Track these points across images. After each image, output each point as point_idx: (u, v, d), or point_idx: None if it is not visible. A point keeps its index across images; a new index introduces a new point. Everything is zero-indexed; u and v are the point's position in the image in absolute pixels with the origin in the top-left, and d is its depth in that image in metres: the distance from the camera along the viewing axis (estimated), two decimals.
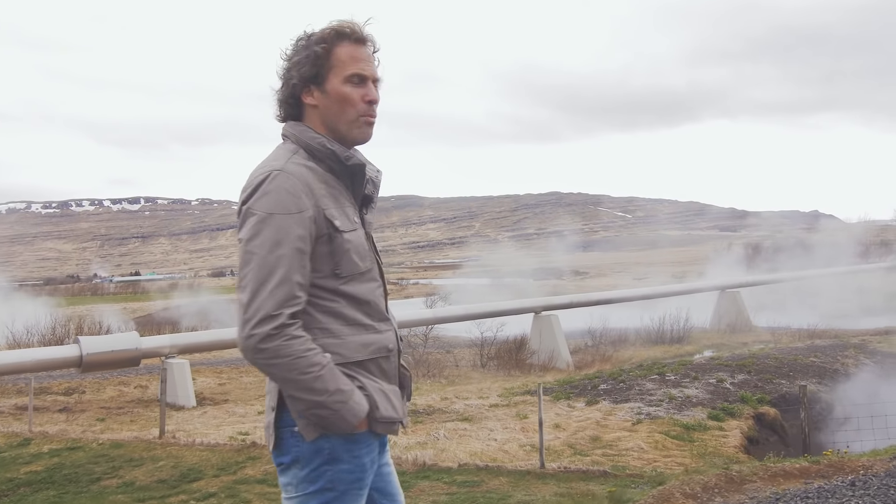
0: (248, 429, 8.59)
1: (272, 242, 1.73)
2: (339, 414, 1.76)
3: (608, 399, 9.45)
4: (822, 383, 10.38)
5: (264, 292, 1.71)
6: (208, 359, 15.75)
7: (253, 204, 1.77)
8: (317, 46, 1.86)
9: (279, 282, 1.72)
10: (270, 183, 1.77)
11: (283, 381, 1.74)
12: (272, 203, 1.75)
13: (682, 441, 7.45)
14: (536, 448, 7.31)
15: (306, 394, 1.73)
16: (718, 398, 9.21)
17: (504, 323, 16.56)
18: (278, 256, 1.73)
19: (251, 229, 1.75)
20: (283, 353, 1.70)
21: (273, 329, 1.69)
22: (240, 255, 1.77)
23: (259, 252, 1.73)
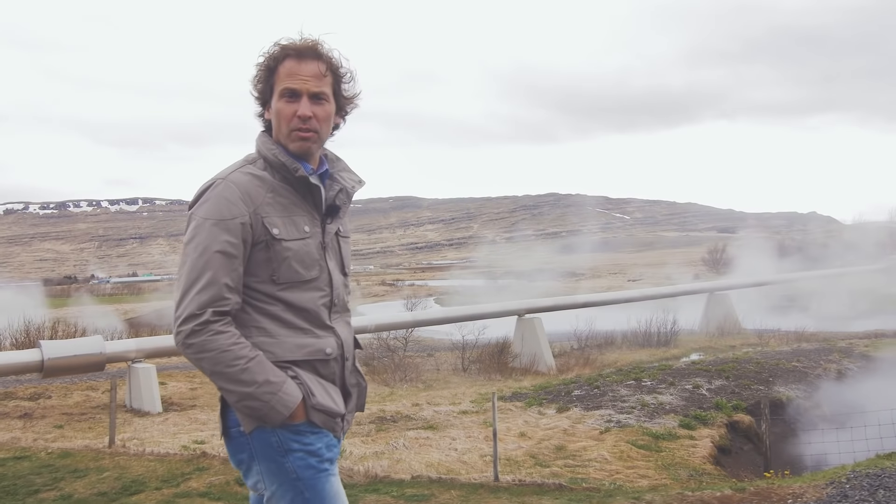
0: (206, 437, 8.31)
1: (203, 247, 1.83)
2: (270, 405, 1.82)
3: (580, 406, 9.19)
4: (802, 389, 10.11)
5: (192, 293, 1.82)
6: (183, 363, 15.45)
7: (195, 210, 1.89)
8: (264, 64, 1.96)
9: (206, 284, 1.82)
10: (212, 191, 1.88)
11: (212, 374, 1.83)
12: (208, 210, 1.86)
13: (648, 451, 7.18)
14: (498, 458, 7.06)
15: (235, 385, 1.81)
16: (693, 405, 8.94)
17: (486, 326, 16.28)
18: (207, 260, 1.83)
19: (189, 233, 1.88)
20: (208, 348, 1.80)
21: (196, 326, 1.80)
22: (181, 255, 1.88)
23: (191, 255, 1.84)
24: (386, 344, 15.87)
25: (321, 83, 1.95)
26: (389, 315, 15.49)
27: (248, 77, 2.00)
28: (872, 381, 10.31)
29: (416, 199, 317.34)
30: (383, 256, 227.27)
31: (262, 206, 1.89)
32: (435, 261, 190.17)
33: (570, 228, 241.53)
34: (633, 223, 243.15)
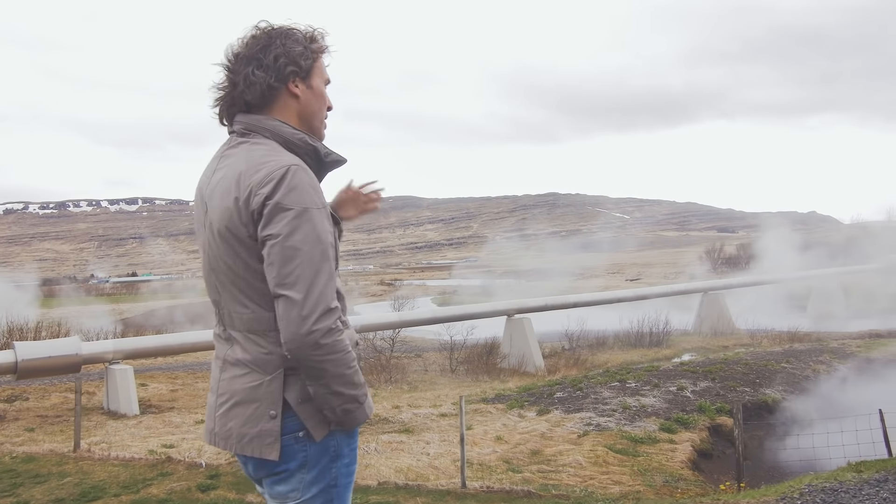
0: (176, 440, 8.13)
1: (314, 237, 1.71)
2: (363, 407, 1.80)
3: (561, 408, 9.00)
4: (789, 391, 9.92)
5: (318, 287, 1.70)
6: (165, 364, 15.29)
7: (282, 199, 1.71)
8: (313, 44, 1.92)
9: (329, 276, 1.73)
10: (294, 177, 1.73)
11: (332, 376, 1.72)
12: (303, 198, 1.73)
13: (625, 455, 6.99)
14: (470, 463, 6.87)
15: (348, 388, 1.75)
16: (675, 407, 8.75)
17: (475, 326, 16.10)
18: (322, 251, 1.72)
19: (287, 225, 1.70)
20: (339, 348, 1.71)
21: (333, 323, 1.70)
22: (277, 250, 1.70)
23: (303, 248, 1.70)
24: (372, 344, 15.67)
25: None
26: (375, 315, 15.28)
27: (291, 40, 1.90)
28: (860, 383, 10.12)
29: (415, 199, 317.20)
30: (383, 256, 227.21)
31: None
32: (435, 260, 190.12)
33: (569, 228, 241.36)
34: (633, 223, 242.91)
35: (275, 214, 1.71)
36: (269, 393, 1.79)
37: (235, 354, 1.86)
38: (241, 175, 1.78)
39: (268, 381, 1.80)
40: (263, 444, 1.79)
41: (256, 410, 1.80)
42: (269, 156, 1.79)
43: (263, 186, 1.72)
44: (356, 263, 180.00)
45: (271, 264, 1.71)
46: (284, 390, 1.79)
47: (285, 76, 1.88)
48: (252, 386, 1.80)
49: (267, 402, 1.79)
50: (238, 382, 1.83)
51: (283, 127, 1.87)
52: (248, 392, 1.81)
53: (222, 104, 1.92)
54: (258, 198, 1.72)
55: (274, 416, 1.78)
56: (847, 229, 65.06)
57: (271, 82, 1.86)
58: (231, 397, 1.83)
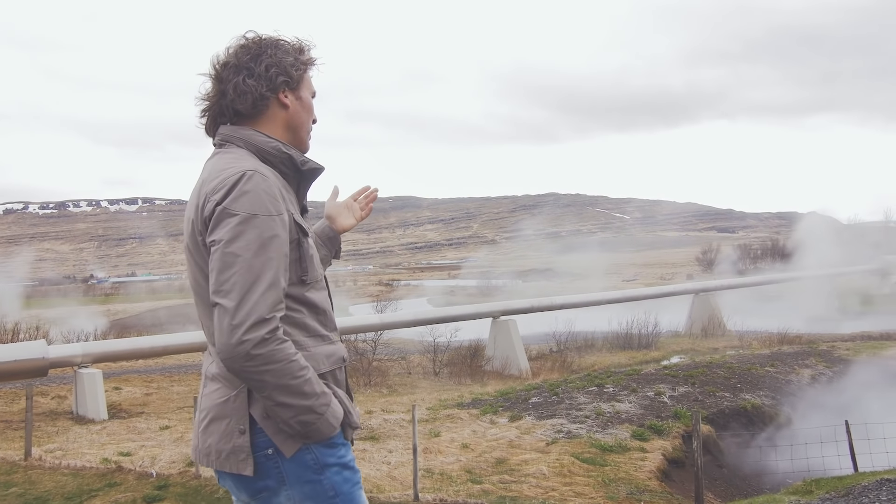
0: (135, 448, 7.90)
1: (258, 245, 1.65)
2: (325, 418, 1.72)
3: (534, 414, 8.76)
4: (770, 396, 9.67)
5: (254, 296, 1.62)
6: (144, 366, 15.06)
7: (230, 204, 1.67)
8: (301, 55, 1.91)
9: (268, 285, 1.65)
10: (247, 183, 1.69)
11: (274, 387, 1.65)
12: (253, 203, 1.67)
13: (592, 465, 6.75)
14: (431, 473, 6.65)
15: (297, 399, 1.68)
16: (650, 414, 8.51)
17: (459, 328, 15.87)
18: (265, 259, 1.65)
19: (231, 230, 1.65)
20: (276, 358, 1.63)
21: (267, 333, 1.62)
22: (216, 257, 1.65)
23: (244, 255, 1.64)
24: (354, 347, 15.43)
25: None
26: (356, 318, 15.03)
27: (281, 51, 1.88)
28: (843, 389, 9.88)
29: (415, 199, 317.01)
30: (383, 256, 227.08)
31: (287, 201, 1.78)
32: (434, 260, 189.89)
33: (569, 228, 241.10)
34: (633, 223, 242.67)
35: (221, 220, 1.67)
36: (236, 408, 1.75)
37: (212, 369, 1.82)
38: (203, 184, 1.76)
39: (234, 395, 1.75)
40: (238, 460, 1.75)
41: (228, 426, 1.76)
42: (231, 163, 1.76)
43: (216, 193, 1.69)
44: (356, 264, 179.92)
45: (211, 271, 1.66)
46: (249, 405, 1.74)
47: (276, 86, 1.86)
48: (222, 401, 1.77)
49: (235, 418, 1.75)
50: (213, 397, 1.80)
51: (256, 136, 1.84)
52: (219, 407, 1.77)
53: (209, 115, 1.89)
54: (210, 204, 1.70)
55: (242, 431, 1.74)
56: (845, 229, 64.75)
57: (263, 91, 1.84)
58: (208, 413, 1.80)
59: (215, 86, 1.86)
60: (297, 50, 1.91)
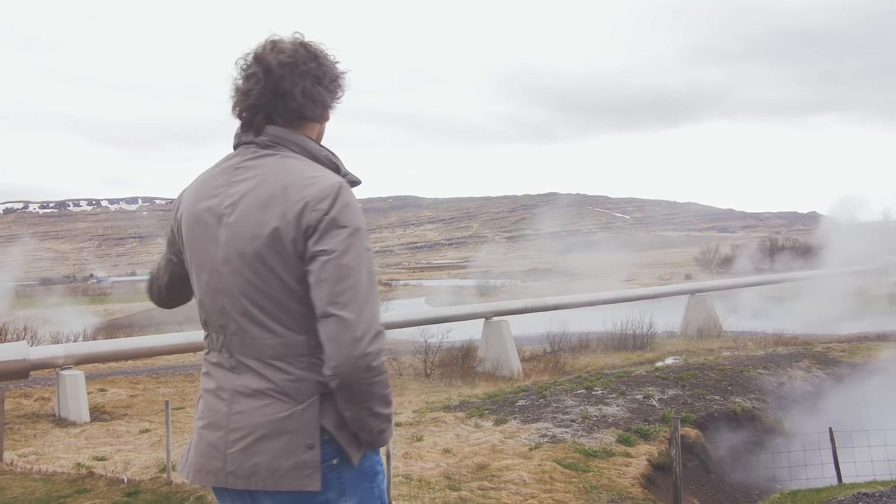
0: (111, 452, 7.75)
1: (366, 258, 1.69)
2: (391, 426, 1.78)
3: (519, 418, 8.60)
4: (761, 400, 9.51)
5: (369, 308, 1.65)
6: (131, 368, 14.91)
7: (338, 215, 1.67)
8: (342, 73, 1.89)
9: (377, 298, 1.70)
10: (347, 195, 1.71)
11: (377, 398, 1.68)
12: (355, 216, 1.70)
13: (574, 471, 6.59)
14: (409, 479, 6.50)
15: (387, 407, 1.72)
16: (638, 417, 8.35)
17: (451, 329, 15.71)
18: (370, 272, 1.70)
19: (342, 242, 1.66)
20: (384, 369, 1.68)
21: (383, 345, 1.67)
22: (329, 268, 1.64)
23: (356, 267, 1.67)
24: None
25: None
26: None
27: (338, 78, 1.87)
28: (835, 392, 9.72)
29: (415, 199, 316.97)
30: (383, 256, 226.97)
31: None
32: (434, 260, 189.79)
33: (569, 228, 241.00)
34: (633, 223, 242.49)
35: (329, 230, 1.66)
36: (304, 422, 1.70)
37: (249, 384, 1.73)
38: (287, 188, 1.70)
39: (300, 409, 1.70)
40: (302, 476, 1.70)
41: (290, 442, 1.70)
42: (315, 170, 1.75)
43: (321, 202, 1.67)
44: None
45: (323, 281, 1.64)
46: (321, 417, 1.71)
47: (335, 98, 1.88)
48: (282, 417, 1.70)
49: (302, 433, 1.70)
50: (261, 414, 1.71)
51: (309, 142, 1.83)
52: (276, 423, 1.70)
53: (261, 113, 1.79)
54: (315, 213, 1.66)
55: (311, 445, 1.71)
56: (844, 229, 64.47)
57: (329, 102, 1.85)
58: (253, 431, 1.71)
59: (267, 83, 1.77)
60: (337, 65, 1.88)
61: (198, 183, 1.87)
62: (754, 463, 7.69)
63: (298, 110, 1.79)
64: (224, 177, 1.81)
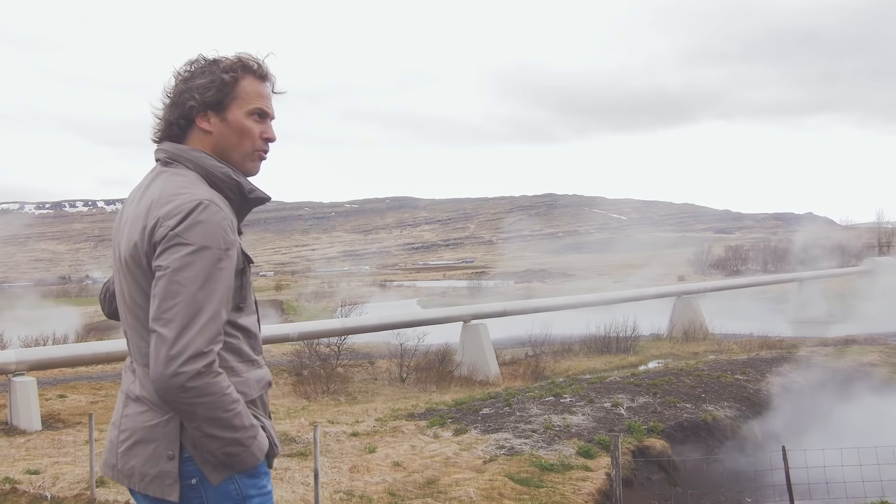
0: (46, 465, 7.36)
1: (204, 277, 1.67)
2: (250, 450, 1.75)
3: (480, 427, 8.24)
4: (735, 408, 9.16)
5: (194, 329, 1.64)
6: (92, 373, 14.51)
7: (182, 232, 1.68)
8: (224, 74, 1.86)
9: (209, 318, 1.67)
10: (202, 213, 1.70)
11: (204, 419, 1.68)
12: (205, 235, 1.69)
13: (526, 486, 6.23)
14: (351, 495, 6.13)
15: (225, 431, 1.70)
16: (603, 427, 7.99)
17: (426, 333, 15.35)
18: (209, 292, 1.67)
19: (181, 260, 1.67)
20: (210, 391, 1.66)
21: (203, 367, 1.64)
22: (162, 283, 1.67)
23: (189, 286, 1.66)
24: (316, 352, 14.89)
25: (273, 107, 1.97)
26: (317, 323, 14.48)
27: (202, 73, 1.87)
28: (811, 400, 9.36)
29: (412, 200, 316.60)
30: (380, 257, 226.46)
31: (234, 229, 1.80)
32: (431, 261, 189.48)
33: (566, 229, 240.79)
34: (630, 224, 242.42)
35: (171, 246, 1.67)
36: (166, 433, 1.75)
37: (135, 390, 1.82)
38: (152, 204, 1.75)
39: (164, 420, 1.75)
40: (164, 485, 1.76)
41: (155, 450, 1.76)
42: (185, 188, 1.77)
43: (170, 218, 1.69)
44: (352, 264, 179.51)
45: (154, 296, 1.67)
46: (181, 432, 1.75)
47: (187, 112, 1.85)
48: (150, 425, 1.77)
49: (164, 443, 1.76)
50: (139, 419, 1.79)
51: (206, 159, 1.84)
52: (147, 431, 1.77)
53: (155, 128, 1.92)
54: (163, 229, 1.69)
55: (171, 457, 1.75)
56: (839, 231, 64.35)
57: (173, 119, 1.86)
58: (132, 435, 1.79)
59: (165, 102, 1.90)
60: (224, 69, 1.86)
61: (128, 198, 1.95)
62: (722, 475, 7.35)
63: (157, 134, 1.90)
64: (135, 193, 1.90)
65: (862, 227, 58.30)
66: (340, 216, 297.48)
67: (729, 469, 7.57)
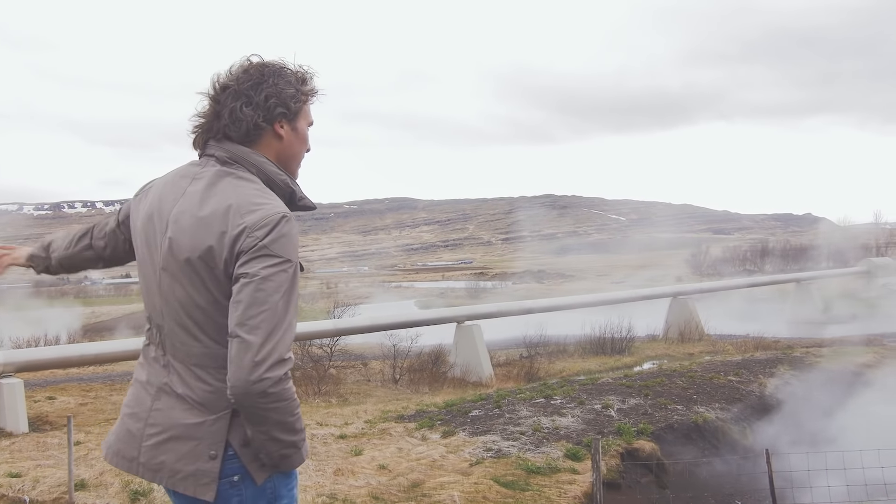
0: (29, 468, 7.27)
1: (287, 289, 1.74)
2: (301, 452, 1.84)
3: (469, 429, 8.16)
4: (726, 409, 9.08)
5: (277, 336, 1.70)
6: (83, 374, 14.43)
7: (270, 244, 1.74)
8: (304, 87, 1.94)
9: (289, 328, 1.74)
10: (285, 226, 1.77)
11: (274, 423, 1.72)
12: (289, 248, 1.77)
13: (511, 489, 6.15)
14: (334, 498, 6.05)
15: (290, 435, 1.76)
16: (592, 429, 7.91)
17: (419, 334, 15.28)
18: (288, 302, 1.75)
19: (268, 269, 1.73)
20: (286, 396, 1.72)
21: (284, 373, 1.71)
22: (249, 291, 1.71)
23: (274, 296, 1.72)
24: (308, 353, 14.81)
25: None
26: (309, 324, 14.41)
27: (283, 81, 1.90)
28: (803, 402, 9.29)
29: (411, 201, 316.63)
30: (378, 258, 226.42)
31: None
32: (430, 262, 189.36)
33: (565, 230, 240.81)
34: (629, 224, 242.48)
35: (258, 256, 1.72)
36: (212, 433, 1.77)
37: (174, 385, 1.83)
38: (230, 209, 1.77)
39: (212, 420, 1.78)
40: (199, 484, 1.78)
41: (195, 448, 1.78)
42: (263, 197, 1.81)
43: (259, 229, 1.73)
44: (351, 265, 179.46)
45: (238, 302, 1.70)
46: (228, 432, 1.77)
47: (273, 117, 1.88)
48: (193, 423, 1.79)
49: (208, 442, 1.77)
50: (176, 416, 1.80)
51: (268, 165, 1.88)
52: (187, 428, 1.79)
53: (200, 132, 1.91)
54: (251, 239, 1.72)
55: (214, 456, 1.77)
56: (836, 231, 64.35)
57: (259, 121, 1.87)
58: (166, 430, 1.81)
59: (212, 106, 1.88)
60: (299, 80, 1.92)
61: (165, 182, 1.94)
62: (712, 478, 7.27)
63: (223, 130, 1.86)
64: (180, 183, 1.88)
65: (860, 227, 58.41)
66: (339, 217, 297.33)
67: (718, 471, 7.49)
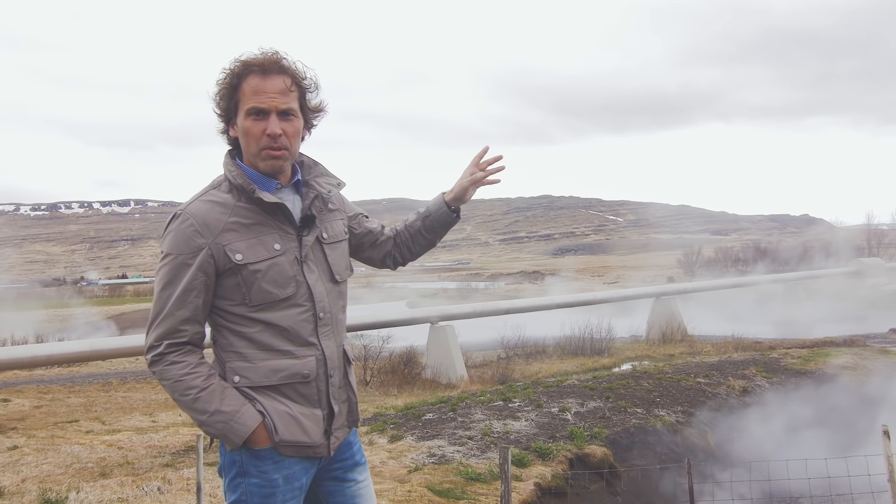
0: None
1: (165, 281, 1.91)
2: (223, 433, 1.90)
3: (417, 434, 7.87)
4: (687, 414, 8.79)
5: (153, 325, 1.93)
6: (37, 377, 14.12)
7: (161, 242, 1.96)
8: (229, 80, 1.94)
9: (164, 317, 1.91)
10: (172, 223, 1.93)
11: (174, 400, 1.94)
12: (169, 243, 1.92)
13: (446, 498, 5.86)
14: None
15: (192, 413, 1.91)
16: (544, 434, 7.63)
17: (391, 334, 14.99)
18: (167, 295, 1.90)
19: (157, 265, 1.96)
20: (165, 377, 1.92)
21: (154, 356, 1.92)
22: None
23: (156, 289, 1.94)
24: None
25: (288, 99, 1.94)
26: None
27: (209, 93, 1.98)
28: (767, 407, 9.00)
29: (409, 201, 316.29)
30: None
31: (223, 233, 1.90)
32: (428, 263, 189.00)
33: (563, 231, 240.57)
34: (626, 225, 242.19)
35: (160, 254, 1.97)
36: None
37: None
38: None
39: None
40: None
41: None
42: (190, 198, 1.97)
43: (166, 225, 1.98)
44: None
45: None
46: None
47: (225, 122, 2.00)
48: None
49: None
50: None
51: (227, 164, 1.98)
52: None
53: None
54: None
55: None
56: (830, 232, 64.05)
57: (222, 131, 2.02)
58: None
59: None
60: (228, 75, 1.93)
61: None
62: (665, 484, 6.99)
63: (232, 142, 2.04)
64: None
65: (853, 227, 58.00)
66: None
67: (674, 477, 7.21)
